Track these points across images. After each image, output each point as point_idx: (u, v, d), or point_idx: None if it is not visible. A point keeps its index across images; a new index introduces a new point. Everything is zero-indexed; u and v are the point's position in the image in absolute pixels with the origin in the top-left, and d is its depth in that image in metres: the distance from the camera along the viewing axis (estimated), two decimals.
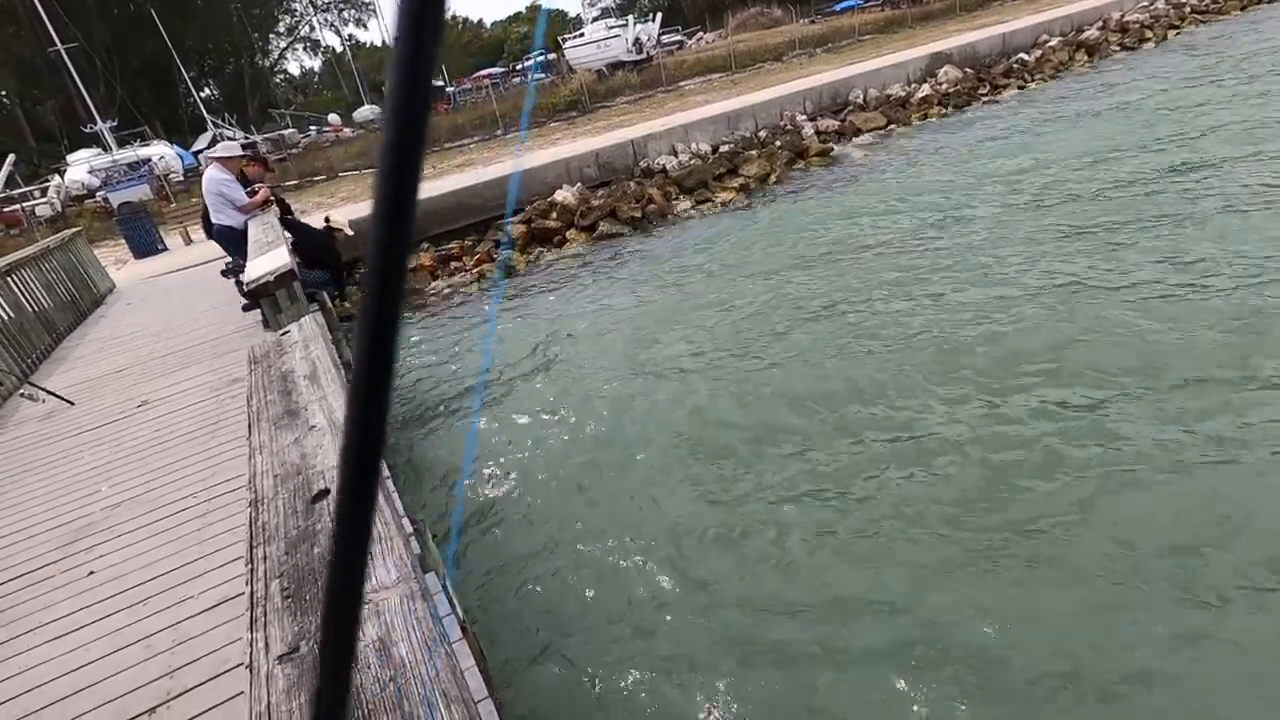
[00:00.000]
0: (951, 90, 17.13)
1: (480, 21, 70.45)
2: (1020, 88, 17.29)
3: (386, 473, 3.38)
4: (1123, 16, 21.52)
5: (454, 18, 69.16)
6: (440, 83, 36.36)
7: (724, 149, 14.32)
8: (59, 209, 23.14)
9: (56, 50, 28.46)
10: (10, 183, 24.29)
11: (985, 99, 16.80)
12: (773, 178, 13.22)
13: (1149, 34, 20.19)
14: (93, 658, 2.68)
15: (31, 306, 7.44)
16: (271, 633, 1.15)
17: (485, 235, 12.07)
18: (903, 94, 16.97)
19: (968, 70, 18.29)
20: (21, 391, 5.79)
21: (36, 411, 5.49)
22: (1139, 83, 15.03)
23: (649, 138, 14.06)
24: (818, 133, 15.04)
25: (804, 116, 15.80)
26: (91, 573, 3.22)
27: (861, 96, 16.80)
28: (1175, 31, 20.56)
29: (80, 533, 3.59)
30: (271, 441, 1.86)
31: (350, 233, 7.23)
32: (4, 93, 41.09)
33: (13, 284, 7.13)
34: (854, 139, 14.99)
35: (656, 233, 11.57)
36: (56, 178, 27.15)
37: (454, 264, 11.46)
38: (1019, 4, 29.86)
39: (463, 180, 13.21)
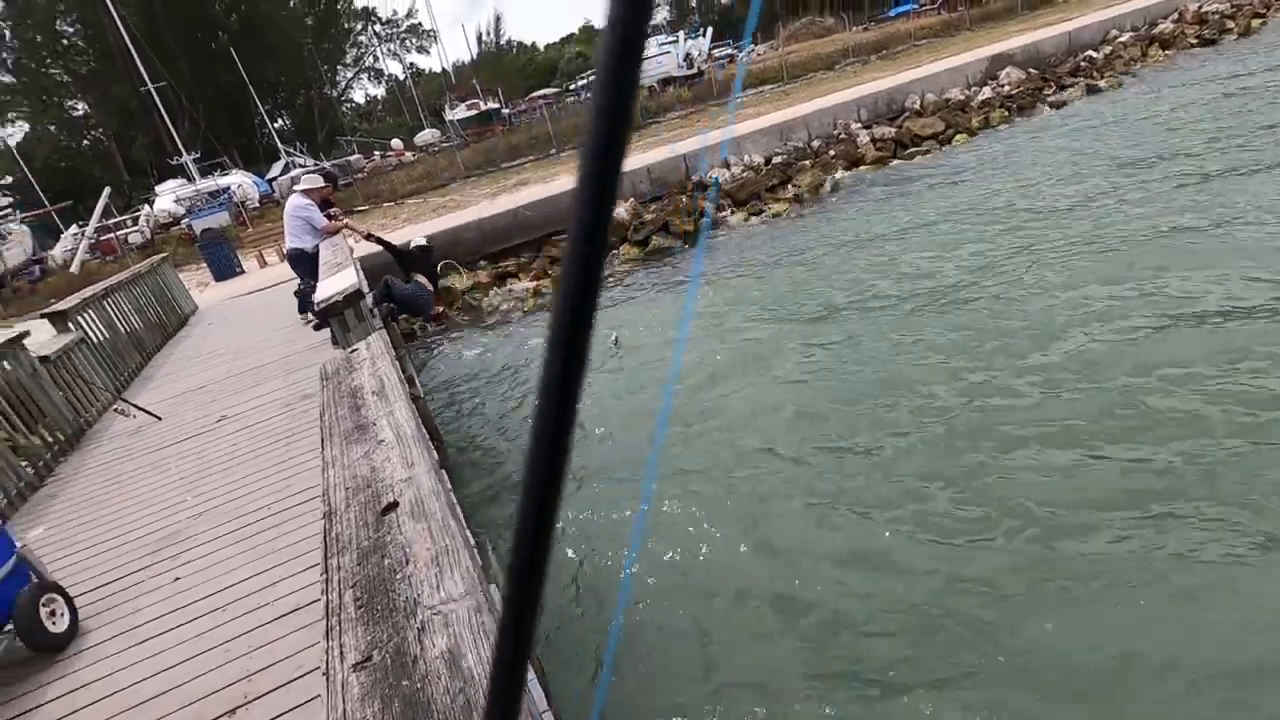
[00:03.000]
0: (1015, 91, 16.56)
1: (533, 45, 72.55)
2: (1090, 88, 16.54)
3: (449, 484, 3.45)
4: (1200, 8, 20.41)
5: (509, 42, 71.16)
6: (496, 105, 37.38)
7: (776, 160, 14.22)
8: (148, 236, 24.75)
9: (148, 90, 30.60)
10: (106, 213, 26.20)
11: (1051, 100, 16.15)
12: (826, 187, 13.03)
13: (1230, 24, 19.06)
14: (176, 661, 2.81)
15: (124, 328, 7.97)
16: (346, 641, 1.18)
17: (540, 252, 12.34)
18: (962, 98, 16.52)
19: (1031, 71, 17.68)
20: (115, 408, 6.21)
21: (128, 426, 5.87)
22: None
23: (700, 150, 14.09)
24: (873, 140, 14.77)
25: (858, 124, 15.56)
26: (177, 579, 3.40)
27: (918, 102, 16.44)
28: (1260, 21, 19.35)
29: (166, 540, 3.79)
30: (343, 455, 1.93)
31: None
32: (102, 132, 44.51)
33: (108, 307, 7.66)
34: (910, 148, 14.65)
35: (710, 245, 11.54)
36: (146, 207, 29.06)
37: (510, 280, 11.76)
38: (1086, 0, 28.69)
39: (515, 201, 13.55)
